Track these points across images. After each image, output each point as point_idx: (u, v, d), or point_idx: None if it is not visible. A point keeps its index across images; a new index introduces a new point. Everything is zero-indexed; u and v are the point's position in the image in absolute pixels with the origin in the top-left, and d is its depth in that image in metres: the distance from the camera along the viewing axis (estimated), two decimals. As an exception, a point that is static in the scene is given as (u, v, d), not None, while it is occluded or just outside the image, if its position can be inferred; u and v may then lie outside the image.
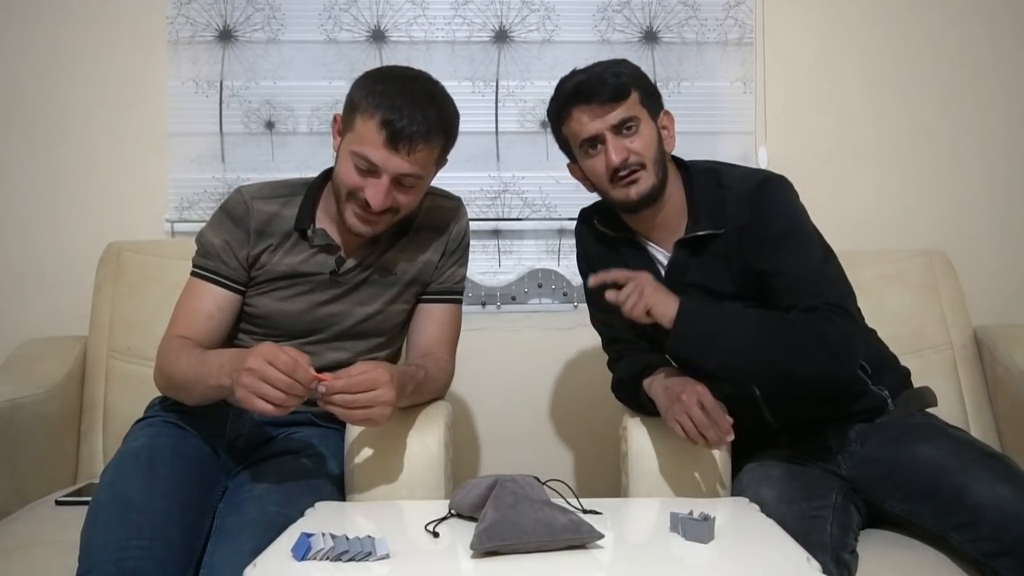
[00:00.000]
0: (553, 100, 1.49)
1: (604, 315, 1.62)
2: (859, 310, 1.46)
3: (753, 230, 1.44)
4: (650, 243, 1.53)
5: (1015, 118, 2.21)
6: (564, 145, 1.53)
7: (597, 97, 1.42)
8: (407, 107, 1.34)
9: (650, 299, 1.36)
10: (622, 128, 1.43)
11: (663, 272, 1.50)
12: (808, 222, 1.48)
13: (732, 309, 1.39)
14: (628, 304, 1.36)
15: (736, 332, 1.36)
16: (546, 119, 1.58)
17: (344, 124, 1.41)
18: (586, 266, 1.63)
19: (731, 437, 1.34)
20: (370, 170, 1.37)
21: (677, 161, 1.55)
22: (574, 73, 1.47)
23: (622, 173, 1.43)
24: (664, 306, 1.36)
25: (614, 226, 1.56)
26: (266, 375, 1.18)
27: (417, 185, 1.42)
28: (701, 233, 1.46)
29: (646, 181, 1.44)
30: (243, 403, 1.20)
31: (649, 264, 1.51)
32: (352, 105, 1.39)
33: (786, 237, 1.43)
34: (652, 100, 1.48)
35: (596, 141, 1.44)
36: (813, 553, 1.05)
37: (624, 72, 1.45)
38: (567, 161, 1.56)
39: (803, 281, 1.39)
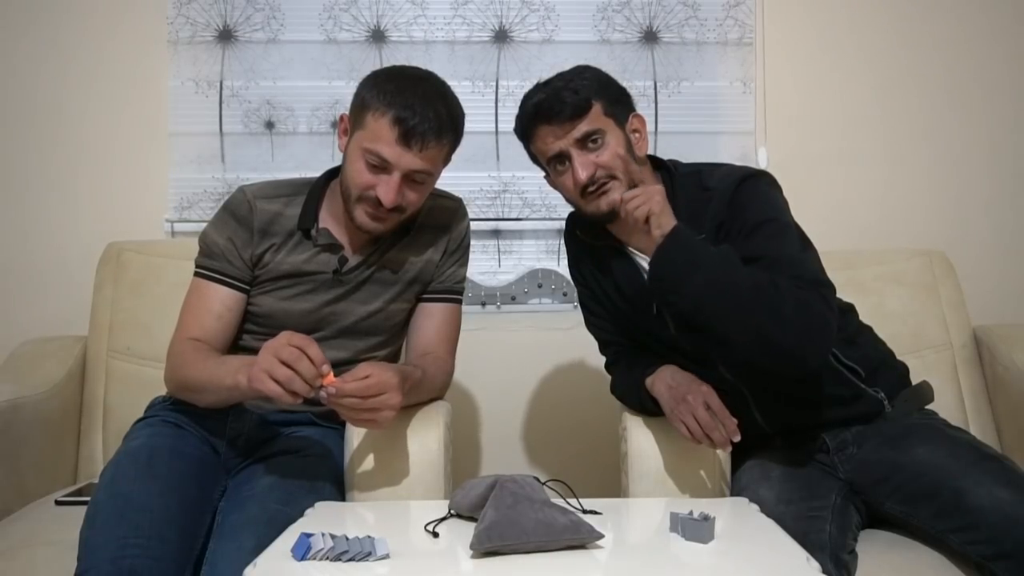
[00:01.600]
0: (517, 119, 1.47)
1: (596, 319, 1.62)
2: (836, 301, 1.38)
3: (731, 224, 1.40)
4: (633, 251, 1.49)
5: (1015, 118, 2.21)
6: (536, 160, 1.51)
7: (557, 116, 1.39)
8: (419, 105, 1.35)
9: (655, 207, 1.32)
10: (587, 142, 1.40)
11: (647, 279, 1.45)
12: (787, 215, 1.43)
13: (727, 251, 1.33)
14: (633, 204, 1.33)
15: (723, 271, 1.29)
16: None
17: (353, 122, 1.42)
18: (577, 272, 1.62)
19: (737, 438, 1.34)
20: (381, 166, 1.38)
21: (658, 162, 1.52)
22: (536, 90, 1.44)
23: (591, 188, 1.41)
24: (662, 218, 1.31)
25: (596, 235, 1.53)
26: (281, 354, 1.18)
27: (426, 182, 1.43)
28: None
29: (617, 191, 1.40)
30: (254, 383, 1.19)
31: (634, 272, 1.49)
32: (363, 103, 1.39)
33: (763, 226, 1.38)
34: (619, 107, 1.44)
35: (563, 158, 1.42)
36: (812, 553, 1.05)
37: (583, 85, 1.40)
38: (543, 174, 1.53)
39: (781, 264, 1.33)
